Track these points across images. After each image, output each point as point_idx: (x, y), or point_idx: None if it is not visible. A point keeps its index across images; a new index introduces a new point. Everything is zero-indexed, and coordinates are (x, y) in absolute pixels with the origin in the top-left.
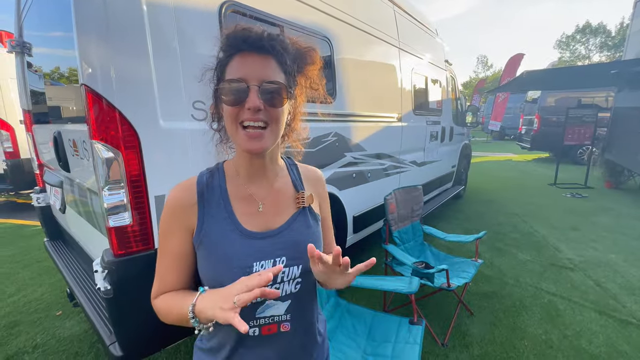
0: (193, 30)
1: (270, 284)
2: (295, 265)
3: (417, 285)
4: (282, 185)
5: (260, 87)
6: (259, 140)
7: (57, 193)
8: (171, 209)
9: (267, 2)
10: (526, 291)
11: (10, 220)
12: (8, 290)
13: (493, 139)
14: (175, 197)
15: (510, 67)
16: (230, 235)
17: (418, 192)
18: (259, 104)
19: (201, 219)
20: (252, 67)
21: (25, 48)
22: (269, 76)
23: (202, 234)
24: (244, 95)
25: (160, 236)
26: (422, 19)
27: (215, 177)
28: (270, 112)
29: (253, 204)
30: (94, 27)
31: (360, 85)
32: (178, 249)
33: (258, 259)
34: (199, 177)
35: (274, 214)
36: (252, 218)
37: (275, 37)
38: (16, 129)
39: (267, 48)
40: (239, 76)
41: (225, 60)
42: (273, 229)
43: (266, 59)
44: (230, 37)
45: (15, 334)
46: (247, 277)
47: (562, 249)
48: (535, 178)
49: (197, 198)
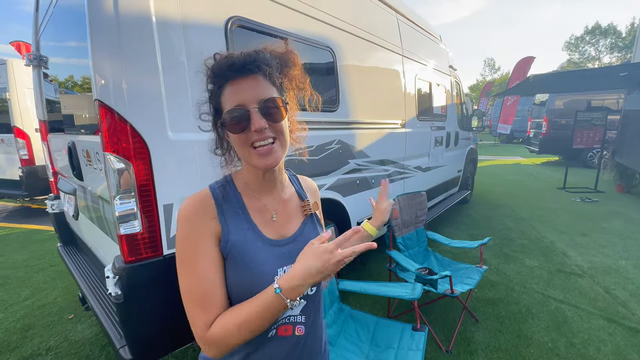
0: (200, 45)
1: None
2: None
3: (420, 291)
4: (289, 196)
5: (259, 107)
6: (270, 155)
7: (70, 200)
8: (192, 219)
9: (271, 16)
10: (533, 298)
11: (25, 225)
12: (23, 293)
13: (501, 142)
14: (194, 206)
15: (520, 70)
16: (255, 243)
17: (422, 197)
18: (263, 124)
19: (225, 229)
20: (246, 91)
21: (42, 61)
22: (264, 94)
23: (230, 244)
24: (247, 120)
25: (188, 254)
26: (426, 26)
27: (228, 189)
28: (275, 127)
29: (267, 214)
30: (108, 45)
31: (364, 93)
32: (215, 256)
33: (281, 265)
34: (212, 189)
35: (286, 222)
36: (269, 227)
37: (257, 56)
38: (32, 136)
39: (253, 69)
40: (236, 104)
41: (218, 91)
42: (288, 236)
43: (255, 79)
44: (215, 69)
45: (29, 336)
46: (314, 245)
47: (571, 254)
48: (544, 182)
49: (217, 209)
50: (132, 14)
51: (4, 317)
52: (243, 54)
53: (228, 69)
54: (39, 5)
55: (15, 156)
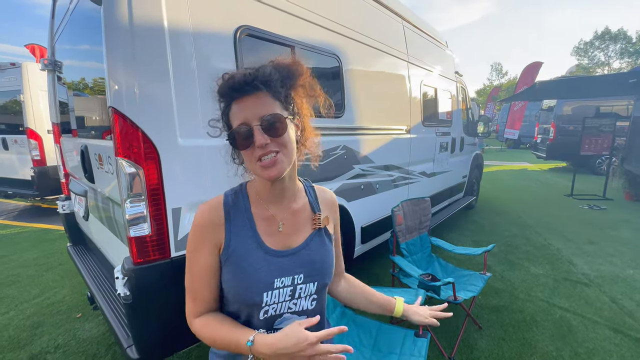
0: (210, 53)
1: (289, 297)
2: (312, 282)
3: (423, 297)
4: (301, 206)
5: (261, 124)
6: (274, 166)
7: (81, 201)
8: (201, 227)
9: (279, 25)
10: (538, 306)
11: (35, 224)
12: (33, 291)
13: (508, 148)
14: (205, 216)
15: (527, 75)
16: (255, 252)
17: (426, 203)
18: (264, 140)
19: (228, 236)
20: (248, 109)
21: (57, 66)
22: (264, 111)
23: (230, 251)
24: (250, 137)
25: (191, 253)
26: (432, 32)
27: (240, 198)
28: (277, 141)
29: (274, 224)
30: (122, 54)
31: (369, 99)
32: (210, 264)
33: (278, 276)
34: (225, 197)
35: (292, 233)
36: (274, 237)
37: (256, 74)
38: (44, 138)
39: (254, 87)
40: (240, 122)
41: (226, 109)
42: (292, 248)
43: (257, 97)
44: (221, 89)
45: (38, 334)
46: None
47: (577, 263)
48: (551, 188)
49: (225, 217)
50: (145, 24)
51: (15, 314)
52: (244, 73)
53: (231, 90)
54: (55, 12)
55: (27, 157)
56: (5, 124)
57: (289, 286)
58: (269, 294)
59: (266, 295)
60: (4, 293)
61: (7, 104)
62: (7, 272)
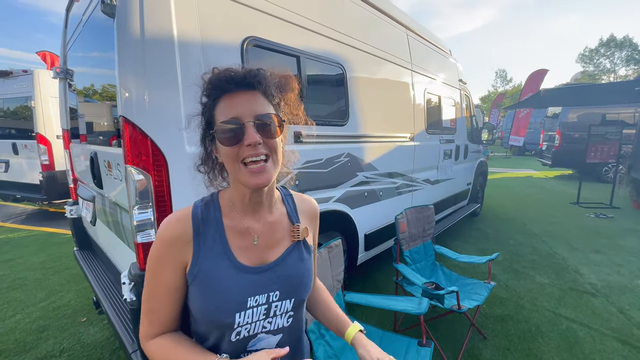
0: (218, 63)
1: (264, 317)
2: (288, 299)
3: (426, 306)
4: (278, 218)
5: (255, 122)
6: (263, 173)
7: (89, 206)
8: (166, 243)
9: (285, 35)
10: (543, 316)
11: (42, 228)
12: (39, 295)
13: (513, 155)
14: (171, 231)
15: (532, 82)
16: (226, 270)
17: (430, 211)
18: (258, 139)
19: (196, 253)
20: (243, 105)
21: (69, 75)
22: (261, 110)
23: (198, 269)
24: (241, 133)
25: (152, 270)
26: (435, 41)
27: (211, 209)
28: (268, 144)
29: (248, 238)
30: (133, 65)
31: (373, 107)
32: (172, 283)
33: (252, 294)
34: (194, 209)
35: (268, 247)
36: (248, 252)
37: (258, 73)
38: (53, 143)
39: (253, 84)
40: (231, 116)
41: (212, 103)
42: (268, 263)
43: (254, 95)
44: (213, 80)
45: (44, 338)
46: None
47: (584, 272)
48: (557, 196)
49: (193, 232)
50: (156, 36)
51: (21, 317)
52: (244, 68)
53: (227, 82)
54: (68, 22)
55: (36, 161)
56: (16, 129)
57: (263, 304)
58: (241, 314)
59: (239, 316)
60: (11, 296)
61: (18, 110)
62: (14, 275)
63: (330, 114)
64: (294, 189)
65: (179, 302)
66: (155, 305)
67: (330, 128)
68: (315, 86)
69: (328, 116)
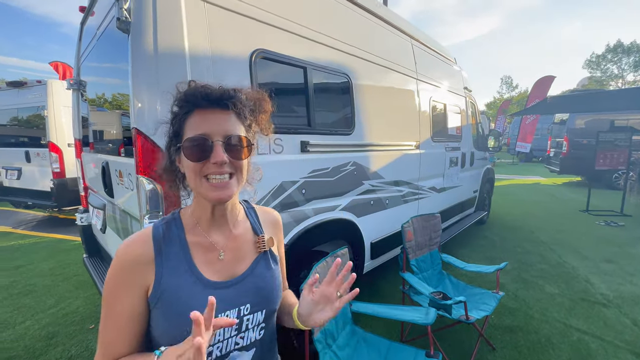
0: (226, 75)
1: (235, 332)
2: (259, 311)
3: (433, 316)
4: (242, 231)
5: (224, 141)
6: (224, 189)
7: (99, 214)
8: (124, 266)
9: (291, 47)
10: (554, 327)
11: (52, 234)
12: (48, 302)
13: (520, 161)
14: (130, 253)
15: (539, 89)
16: (192, 288)
17: (436, 219)
18: (225, 158)
19: (159, 274)
20: (215, 123)
21: (82, 86)
22: (232, 130)
23: (161, 290)
24: (209, 151)
25: (108, 297)
26: (440, 49)
27: (173, 227)
28: (234, 164)
29: (214, 253)
30: (146, 79)
31: (378, 116)
32: (130, 310)
33: (222, 310)
34: (154, 229)
35: (235, 260)
36: (214, 267)
37: (234, 95)
38: (64, 151)
39: (228, 105)
40: (202, 132)
41: (183, 116)
42: (236, 276)
43: (227, 114)
44: (189, 94)
45: (53, 344)
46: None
47: (595, 282)
48: (566, 204)
49: (155, 253)
50: (168, 51)
51: (31, 324)
52: (221, 88)
53: (203, 98)
54: (82, 35)
55: (48, 169)
56: (29, 137)
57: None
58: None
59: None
60: (21, 303)
61: (31, 119)
62: (25, 281)
63: (336, 123)
64: (300, 198)
65: (138, 332)
66: (111, 336)
67: (336, 137)
68: (321, 96)
69: (334, 125)
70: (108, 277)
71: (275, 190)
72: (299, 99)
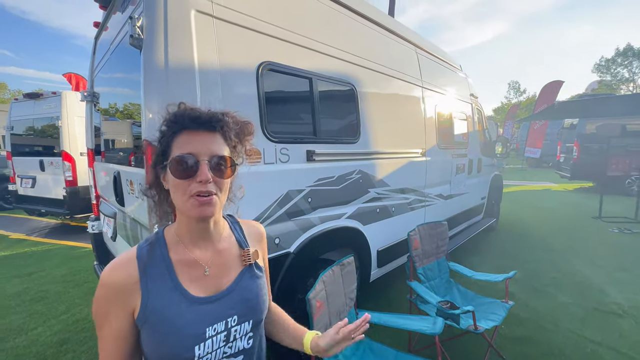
0: (234, 87)
1: (224, 343)
2: (247, 322)
3: (441, 326)
4: (227, 245)
5: (209, 161)
6: (208, 205)
7: (109, 222)
8: (110, 291)
9: (297, 59)
10: (566, 338)
11: (64, 241)
12: (60, 308)
13: (529, 167)
14: (114, 277)
15: (547, 94)
16: (179, 305)
17: (443, 227)
18: (209, 177)
19: (145, 295)
20: (202, 143)
21: (95, 98)
22: (217, 151)
23: (148, 311)
24: (195, 169)
25: (97, 319)
26: (445, 57)
27: (156, 247)
28: (218, 183)
29: (199, 269)
30: (157, 92)
31: (383, 124)
32: (118, 331)
33: (210, 323)
34: (138, 250)
35: (221, 275)
36: (200, 283)
37: (222, 118)
38: (77, 160)
39: (216, 127)
40: (189, 151)
41: (171, 136)
42: (222, 290)
43: (214, 136)
44: (179, 115)
45: (64, 351)
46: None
47: (609, 291)
48: (578, 210)
49: (139, 275)
50: (179, 65)
51: (42, 330)
52: (210, 112)
53: (192, 120)
54: (96, 49)
55: (61, 177)
56: (43, 146)
57: (222, 332)
58: (200, 346)
59: (198, 349)
60: (34, 309)
61: (46, 128)
62: (37, 288)
63: (342, 132)
64: (306, 206)
65: (130, 348)
66: (106, 352)
67: (341, 146)
68: (326, 105)
69: (339, 134)
70: (95, 299)
71: (281, 198)
72: (305, 109)
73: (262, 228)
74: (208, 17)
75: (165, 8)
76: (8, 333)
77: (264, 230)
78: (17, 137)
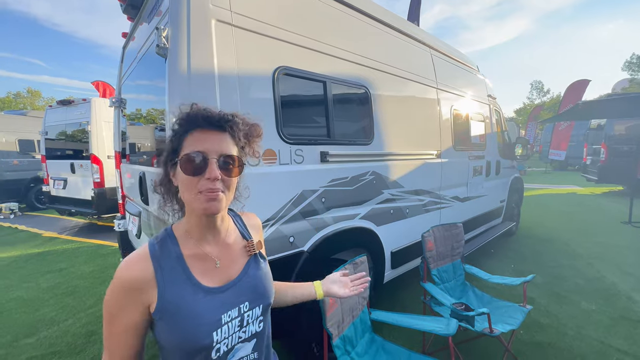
0: (251, 90)
1: (238, 328)
2: (257, 306)
3: (455, 327)
4: (233, 238)
5: (218, 159)
6: (215, 202)
7: (134, 221)
8: (125, 288)
9: (312, 63)
10: (590, 346)
11: (91, 240)
12: (88, 302)
13: (554, 169)
14: (129, 275)
15: (572, 94)
16: (194, 296)
17: (458, 229)
18: (218, 174)
19: (162, 288)
20: (212, 142)
21: (122, 104)
22: (226, 150)
23: (166, 302)
24: (204, 167)
25: (110, 314)
26: (461, 58)
27: (168, 243)
28: (225, 181)
29: (210, 262)
30: (181, 96)
31: (397, 126)
32: (134, 325)
33: (225, 311)
34: (150, 247)
35: (230, 266)
36: (211, 274)
37: (231, 119)
38: (104, 162)
39: (225, 127)
40: (199, 149)
41: (183, 134)
42: (232, 279)
43: (223, 135)
44: (191, 115)
45: (92, 341)
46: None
47: (638, 299)
48: (605, 215)
49: (154, 269)
50: (200, 72)
51: (72, 322)
52: (221, 112)
53: (203, 119)
54: (124, 58)
55: (89, 179)
56: (74, 150)
57: (236, 317)
58: (218, 332)
59: (216, 334)
60: (65, 302)
61: (76, 133)
62: (68, 283)
63: (356, 134)
64: (320, 206)
65: (141, 341)
66: (114, 345)
67: (355, 147)
68: (340, 108)
69: (353, 136)
70: (109, 294)
71: (296, 198)
72: (319, 111)
73: (258, 219)
74: (227, 25)
75: (188, 19)
76: (43, 323)
77: (260, 221)
78: (50, 141)
